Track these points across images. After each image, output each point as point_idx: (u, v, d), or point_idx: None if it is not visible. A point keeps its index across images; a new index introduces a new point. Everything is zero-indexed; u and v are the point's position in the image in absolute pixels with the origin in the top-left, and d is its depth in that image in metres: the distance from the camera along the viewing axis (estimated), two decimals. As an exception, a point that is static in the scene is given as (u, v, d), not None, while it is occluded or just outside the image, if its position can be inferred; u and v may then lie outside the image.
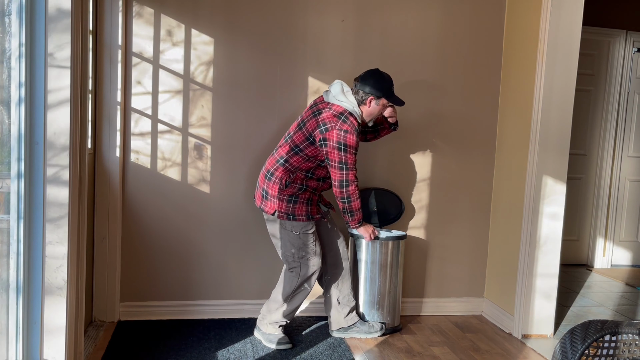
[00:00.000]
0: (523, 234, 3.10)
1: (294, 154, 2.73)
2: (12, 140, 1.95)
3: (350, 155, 2.65)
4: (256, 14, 3.11)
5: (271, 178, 2.77)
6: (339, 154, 2.64)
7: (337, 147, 2.64)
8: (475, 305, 3.50)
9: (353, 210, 2.78)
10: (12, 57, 1.94)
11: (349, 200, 2.74)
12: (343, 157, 2.65)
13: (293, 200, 2.73)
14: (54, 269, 2.03)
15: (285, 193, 2.73)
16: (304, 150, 2.71)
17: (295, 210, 2.73)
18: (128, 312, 3.13)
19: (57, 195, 2.02)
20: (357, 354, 2.81)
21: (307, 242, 2.78)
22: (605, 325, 1.48)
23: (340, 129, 2.63)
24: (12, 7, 1.92)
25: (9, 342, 2.01)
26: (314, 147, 2.70)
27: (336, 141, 2.63)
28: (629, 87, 4.80)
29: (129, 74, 3.01)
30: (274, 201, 2.75)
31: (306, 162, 2.73)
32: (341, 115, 2.67)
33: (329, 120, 2.65)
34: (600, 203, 4.87)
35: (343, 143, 2.63)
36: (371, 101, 2.74)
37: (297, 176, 2.74)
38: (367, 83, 2.74)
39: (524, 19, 3.16)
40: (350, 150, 2.65)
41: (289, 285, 2.83)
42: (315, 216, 2.80)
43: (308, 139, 2.70)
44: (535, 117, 3.01)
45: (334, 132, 2.63)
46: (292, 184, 2.73)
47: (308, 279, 2.82)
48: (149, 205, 3.10)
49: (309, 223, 2.77)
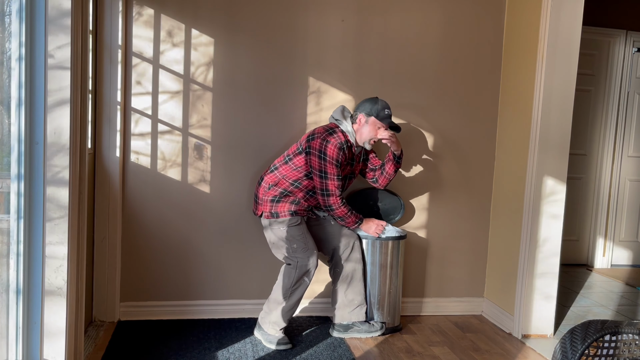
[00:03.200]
0: (523, 234, 3.10)
1: (284, 163, 2.89)
2: (12, 140, 1.95)
3: (329, 165, 2.80)
4: (256, 14, 3.12)
5: (261, 183, 2.94)
6: (318, 161, 2.80)
7: (318, 155, 2.80)
8: (475, 305, 3.50)
9: (341, 217, 2.92)
10: (12, 58, 1.94)
11: (331, 209, 2.88)
12: (323, 166, 2.80)
13: (276, 200, 2.87)
14: (54, 269, 2.04)
15: (269, 194, 2.88)
16: (292, 159, 2.86)
17: (278, 208, 2.86)
18: (128, 312, 3.13)
19: (57, 195, 2.02)
20: (357, 354, 2.81)
21: (296, 235, 2.85)
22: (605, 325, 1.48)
23: (324, 139, 2.81)
24: (12, 7, 1.92)
25: (9, 342, 2.01)
26: (301, 157, 2.84)
27: (317, 149, 2.80)
28: (629, 87, 4.80)
29: (129, 73, 3.01)
30: (261, 203, 2.90)
31: (294, 172, 2.86)
32: (330, 129, 2.86)
33: (318, 132, 2.85)
34: (600, 203, 4.87)
35: (323, 152, 2.79)
36: (361, 119, 2.89)
37: (282, 182, 2.88)
38: (361, 105, 2.93)
39: (524, 19, 3.16)
40: (330, 161, 2.79)
41: (287, 280, 2.85)
42: (299, 212, 2.88)
43: (298, 149, 2.87)
44: (535, 117, 3.01)
45: (317, 141, 2.81)
46: (274, 187, 2.88)
47: (306, 272, 2.85)
48: (149, 205, 3.10)
49: (293, 217, 2.86)
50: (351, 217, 2.93)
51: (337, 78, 3.21)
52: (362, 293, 3.02)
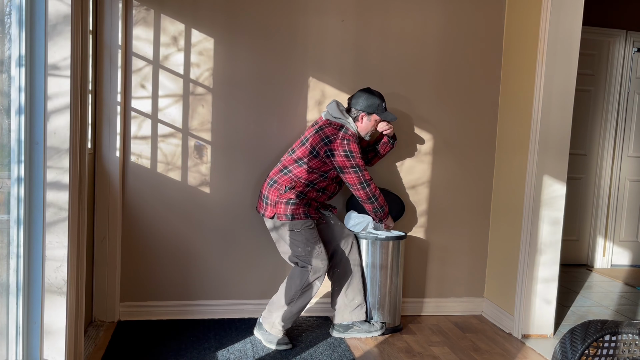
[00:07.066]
0: (523, 234, 3.10)
1: (297, 166, 2.88)
2: (12, 141, 1.95)
3: (358, 159, 2.88)
4: (256, 14, 3.12)
5: (274, 185, 2.90)
6: (348, 160, 2.85)
7: (345, 155, 2.85)
8: (475, 305, 3.50)
9: (383, 205, 2.99)
10: (12, 61, 1.93)
11: (375, 197, 2.93)
12: (354, 162, 2.86)
13: (291, 203, 2.84)
14: (54, 269, 2.04)
15: (284, 197, 2.85)
16: (308, 163, 2.88)
17: (294, 210, 2.84)
18: (128, 312, 3.13)
19: (57, 196, 2.02)
20: (357, 354, 2.81)
21: (310, 238, 2.84)
22: (605, 325, 1.48)
23: (343, 139, 2.85)
24: (12, 11, 1.92)
25: (9, 342, 2.01)
26: (318, 160, 2.87)
27: (342, 150, 2.84)
28: (629, 87, 4.80)
29: (129, 74, 3.01)
30: (273, 205, 2.87)
31: (310, 174, 2.88)
32: (341, 128, 2.90)
33: (331, 134, 2.87)
34: (600, 203, 4.87)
35: (349, 150, 2.85)
36: (363, 117, 2.96)
37: (298, 184, 2.87)
38: (358, 101, 2.96)
39: (524, 19, 3.16)
40: (357, 155, 2.87)
41: (299, 281, 2.83)
42: (313, 215, 2.90)
43: (311, 152, 2.87)
44: (535, 117, 3.01)
45: (338, 143, 2.85)
46: (291, 190, 2.86)
47: (320, 276, 2.84)
48: (149, 205, 3.10)
49: (307, 220, 2.86)
50: (387, 205, 3.02)
51: (337, 78, 3.21)
52: (362, 293, 3.02)
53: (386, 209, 3.01)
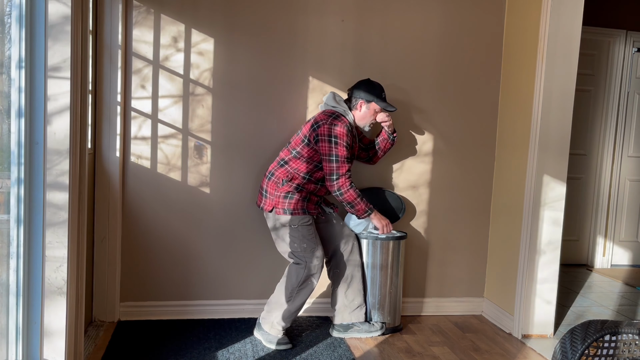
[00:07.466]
0: (523, 234, 3.10)
1: (292, 157, 2.86)
2: (12, 141, 1.95)
3: (340, 147, 2.79)
4: (256, 14, 3.12)
5: (271, 178, 2.89)
6: (329, 145, 2.79)
7: (328, 140, 2.79)
8: (475, 305, 3.50)
9: (350, 202, 2.86)
10: (12, 62, 1.93)
11: (341, 192, 2.84)
12: (334, 150, 2.79)
13: (289, 197, 2.83)
14: (54, 269, 2.04)
15: (282, 190, 2.84)
16: (301, 152, 2.84)
17: (291, 205, 2.83)
18: (128, 312, 3.13)
19: (57, 196, 2.02)
20: (357, 354, 2.81)
21: (307, 234, 2.83)
22: (605, 325, 1.48)
23: (331, 124, 2.81)
24: (12, 12, 1.92)
25: (9, 342, 2.01)
26: (310, 148, 2.83)
27: (327, 134, 2.79)
28: (629, 87, 4.80)
29: (129, 74, 3.01)
30: (271, 198, 2.86)
31: (305, 164, 2.84)
32: (332, 114, 2.86)
33: (321, 119, 2.84)
34: (600, 203, 4.87)
35: (333, 135, 2.78)
36: (361, 105, 2.92)
37: (295, 177, 2.85)
38: (358, 90, 2.94)
39: (524, 19, 3.16)
40: (341, 143, 2.79)
41: (295, 279, 2.83)
42: (311, 211, 2.87)
43: (303, 140, 2.85)
44: (535, 117, 3.01)
45: (325, 127, 2.80)
46: (289, 183, 2.84)
47: (315, 273, 2.83)
48: (149, 205, 3.10)
49: (305, 216, 2.84)
50: (361, 203, 2.88)
51: (337, 78, 3.21)
52: (362, 293, 3.02)
53: (357, 206, 2.86)
